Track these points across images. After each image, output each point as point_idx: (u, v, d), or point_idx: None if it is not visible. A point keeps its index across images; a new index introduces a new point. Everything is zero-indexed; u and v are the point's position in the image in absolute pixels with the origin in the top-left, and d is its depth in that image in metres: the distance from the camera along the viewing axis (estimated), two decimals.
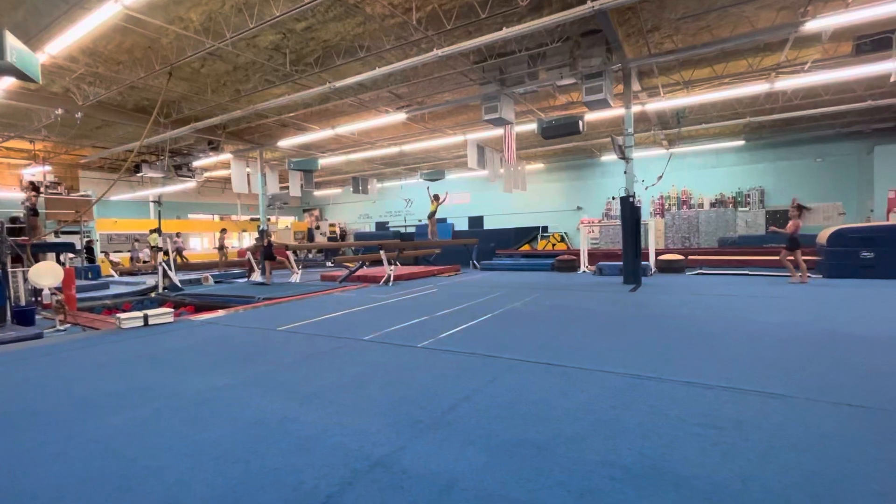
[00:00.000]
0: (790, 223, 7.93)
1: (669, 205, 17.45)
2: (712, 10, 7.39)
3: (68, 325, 5.94)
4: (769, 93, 10.59)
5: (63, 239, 11.85)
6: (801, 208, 8.01)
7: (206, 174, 19.24)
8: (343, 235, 24.00)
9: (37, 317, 6.41)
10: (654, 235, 11.31)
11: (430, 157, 18.69)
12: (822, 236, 8.99)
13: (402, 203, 23.78)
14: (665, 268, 10.72)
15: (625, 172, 8.78)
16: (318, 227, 24.06)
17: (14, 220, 9.96)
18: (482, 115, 9.87)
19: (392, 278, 9.75)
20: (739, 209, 15.96)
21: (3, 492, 1.89)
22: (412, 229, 20.75)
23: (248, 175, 14.69)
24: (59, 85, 9.66)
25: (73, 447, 2.28)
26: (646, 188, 11.49)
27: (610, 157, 17.80)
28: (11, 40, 4.64)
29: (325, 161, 17.04)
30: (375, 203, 24.38)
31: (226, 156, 14.98)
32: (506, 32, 6.73)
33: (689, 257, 11.53)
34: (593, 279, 9.81)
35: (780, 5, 7.34)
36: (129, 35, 7.59)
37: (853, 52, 7.90)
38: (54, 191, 13.74)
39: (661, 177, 10.98)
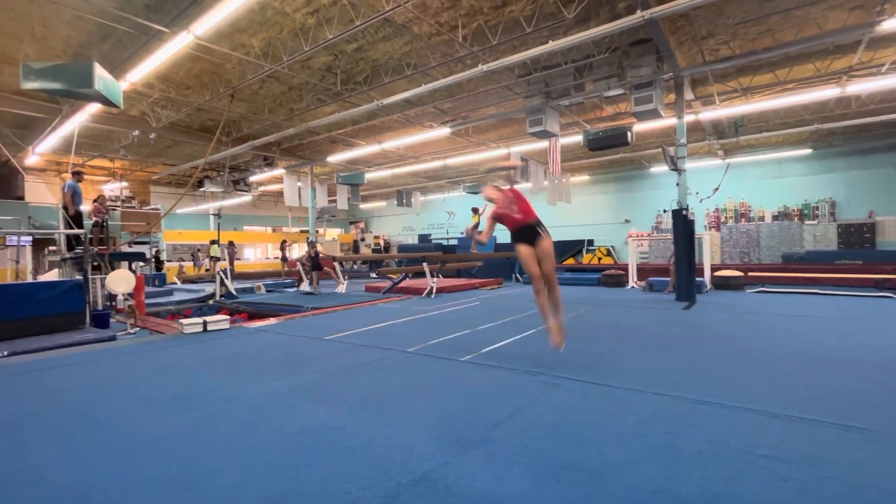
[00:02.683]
0: None
1: (726, 218, 16.49)
2: (774, 13, 7.00)
3: (138, 329, 6.43)
4: (840, 97, 9.84)
5: (134, 249, 12.90)
6: None
7: (261, 188, 20.36)
8: (387, 247, 24.51)
9: (111, 320, 6.98)
10: (709, 250, 10.70)
11: (473, 171, 18.80)
12: None
13: (445, 216, 24.00)
14: (722, 284, 10.10)
15: (677, 184, 8.40)
16: (363, 239, 24.76)
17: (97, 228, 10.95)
18: (526, 128, 9.84)
19: (434, 290, 9.81)
20: (807, 222, 14.81)
21: (80, 483, 2.05)
22: (454, 242, 20.85)
23: (299, 189, 15.40)
24: (136, 109, 10.63)
25: (141, 444, 2.45)
26: (700, 200, 10.93)
27: (660, 169, 17.15)
28: (99, 70, 5.17)
29: (371, 175, 17.56)
30: (418, 215, 24.77)
31: (279, 171, 15.81)
32: (552, 45, 6.70)
33: (749, 274, 10.79)
34: (643, 295, 9.40)
35: (851, 5, 6.84)
36: (198, 62, 8.25)
37: None
38: (129, 205, 15.03)
39: (717, 189, 10.41)
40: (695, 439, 2.34)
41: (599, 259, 17.33)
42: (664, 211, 16.74)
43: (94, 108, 9.33)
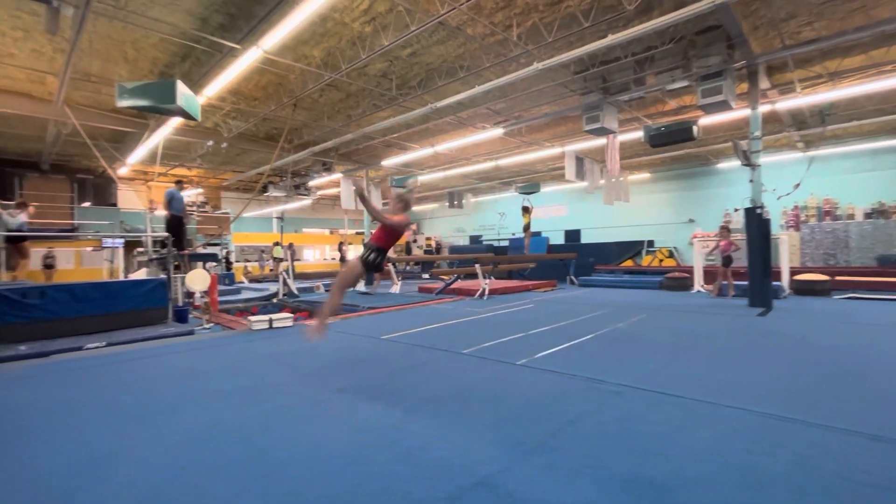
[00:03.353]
0: (722, 243, 9.17)
1: (807, 216, 15.01)
2: None
3: (212, 325, 6.94)
4: None
5: (208, 250, 13.97)
6: (727, 230, 9.40)
7: (320, 192, 21.30)
8: (438, 249, 24.75)
9: (189, 316, 7.59)
10: (787, 252, 9.79)
11: (526, 171, 18.51)
12: None
13: (496, 216, 23.83)
14: (804, 290, 9.22)
15: (751, 181, 7.77)
16: (415, 241, 25.17)
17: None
18: (583, 126, 9.53)
19: (487, 292, 9.76)
20: None
21: (165, 466, 2.24)
22: (505, 243, 20.65)
23: (355, 192, 15.94)
24: (211, 121, 11.51)
25: (220, 433, 2.63)
26: (779, 198, 10.01)
27: (729, 164, 15.96)
28: (181, 87, 5.64)
29: (423, 178, 17.82)
30: (470, 217, 24.78)
31: (337, 175, 16.46)
32: (611, 39, 6.44)
33: (836, 278, 9.76)
34: (710, 300, 8.79)
35: None
36: (265, 74, 8.79)
37: None
38: (204, 209, 16.30)
39: (798, 185, 9.51)
40: (780, 460, 2.14)
41: (661, 261, 16.44)
42: (734, 210, 15.55)
43: (176, 121, 10.19)
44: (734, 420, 2.66)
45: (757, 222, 7.50)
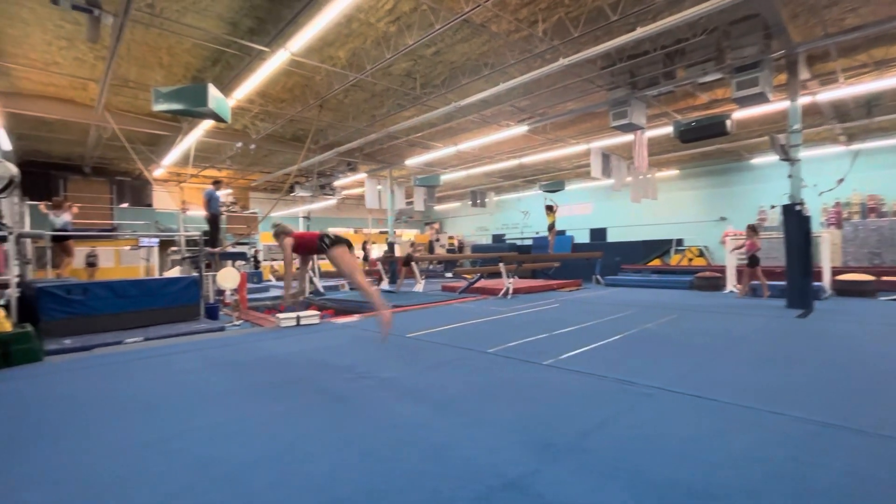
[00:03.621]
0: (747, 243, 8.76)
1: (850, 213, 14.26)
2: None
3: (241, 321, 7.12)
4: None
5: (237, 249, 14.35)
6: (753, 229, 8.87)
7: (344, 192, 21.58)
8: (460, 248, 24.73)
9: (219, 313, 7.81)
10: (828, 251, 9.32)
11: (550, 168, 18.28)
12: None
13: (519, 215, 23.61)
14: (847, 290, 8.77)
15: (789, 176, 7.43)
16: (437, 240, 25.20)
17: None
18: (609, 122, 9.32)
19: (511, 291, 9.68)
20: None
21: (199, 457, 2.30)
22: (529, 242, 20.44)
23: (379, 192, 16.09)
24: (240, 123, 11.82)
25: (250, 427, 2.69)
26: (820, 194, 9.55)
27: (764, 160, 15.34)
28: (212, 90, 5.80)
29: (446, 177, 17.80)
30: (492, 216, 24.64)
31: (361, 175, 16.65)
32: (640, 32, 6.27)
33: (882, 278, 9.23)
34: (744, 301, 8.47)
35: None
36: (292, 76, 8.95)
37: None
38: (233, 210, 16.76)
39: (842, 180, 9.04)
40: (829, 469, 2.02)
41: (690, 260, 15.94)
42: (771, 207, 14.93)
43: (207, 124, 10.50)
44: (776, 426, 2.54)
45: (796, 220, 7.17)
